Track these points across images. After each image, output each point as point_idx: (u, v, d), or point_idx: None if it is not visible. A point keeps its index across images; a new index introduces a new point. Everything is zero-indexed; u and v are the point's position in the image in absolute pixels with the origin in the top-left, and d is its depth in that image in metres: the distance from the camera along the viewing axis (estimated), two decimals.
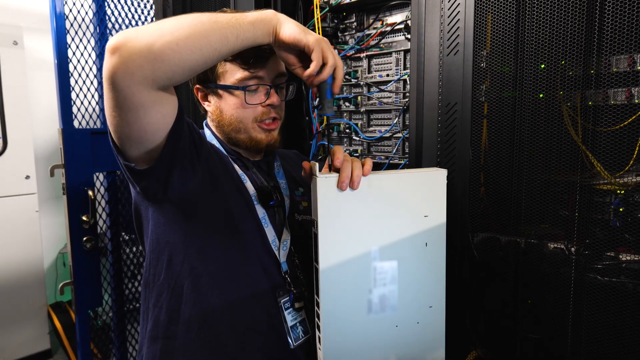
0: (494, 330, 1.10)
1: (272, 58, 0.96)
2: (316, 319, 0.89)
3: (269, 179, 1.08)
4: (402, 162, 1.37)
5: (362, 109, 1.48)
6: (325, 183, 0.83)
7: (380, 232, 0.88)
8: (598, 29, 0.88)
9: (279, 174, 1.10)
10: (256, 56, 0.94)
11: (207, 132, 1.07)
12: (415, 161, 1.16)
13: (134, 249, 2.17)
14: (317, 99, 1.50)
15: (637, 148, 0.86)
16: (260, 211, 1.00)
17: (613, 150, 0.89)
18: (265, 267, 0.99)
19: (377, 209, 0.87)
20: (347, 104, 1.52)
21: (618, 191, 0.92)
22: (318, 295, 0.86)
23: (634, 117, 0.87)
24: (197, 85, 1.03)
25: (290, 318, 1.00)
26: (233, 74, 0.96)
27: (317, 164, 0.84)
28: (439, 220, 0.93)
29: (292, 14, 1.55)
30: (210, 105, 1.04)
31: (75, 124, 1.87)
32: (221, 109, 1.01)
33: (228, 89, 0.98)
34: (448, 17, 1.06)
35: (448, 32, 1.06)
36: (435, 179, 0.92)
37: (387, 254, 0.89)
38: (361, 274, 0.88)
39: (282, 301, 0.99)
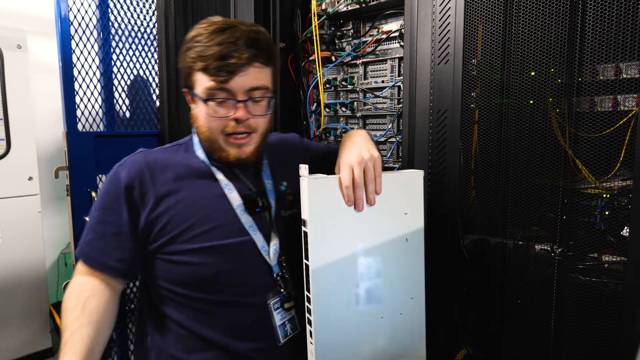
0: (483, 328, 1.14)
1: (242, 71, 0.93)
2: (307, 314, 0.93)
3: (256, 182, 1.08)
4: (396, 165, 1.41)
5: (358, 114, 1.53)
6: (314, 184, 0.88)
7: (365, 229, 0.94)
8: (580, 38, 0.93)
9: (266, 174, 1.10)
10: (218, 69, 0.92)
11: (195, 139, 1.08)
12: (408, 165, 1.20)
13: None
14: (315, 104, 1.53)
15: (622, 153, 0.90)
16: (247, 220, 1.02)
17: (599, 156, 0.92)
18: (256, 273, 1.02)
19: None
20: (343, 109, 1.56)
21: (604, 195, 0.96)
22: (309, 291, 0.90)
23: (619, 123, 0.91)
24: (183, 88, 1.04)
25: (279, 318, 1.03)
26: (202, 82, 0.95)
27: (307, 166, 0.89)
28: (418, 217, 1.00)
29: (290, 22, 1.59)
30: (193, 110, 1.04)
31: (79, 127, 1.91)
32: (197, 116, 1.01)
33: (198, 97, 0.97)
34: (439, 27, 1.10)
35: (439, 42, 1.10)
36: (414, 179, 0.99)
37: (372, 249, 0.95)
38: (349, 269, 0.93)
39: (272, 303, 1.03)
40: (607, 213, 0.95)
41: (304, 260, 0.91)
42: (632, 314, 0.87)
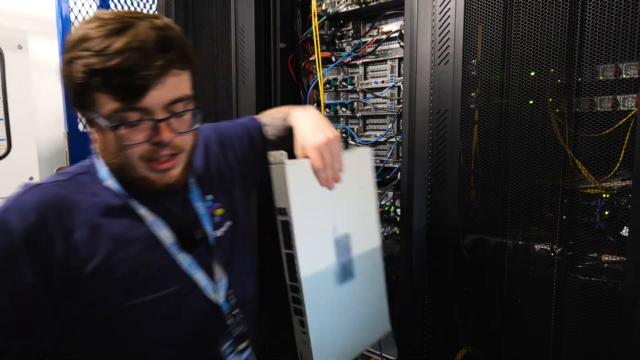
0: (483, 328, 1.14)
1: (158, 84, 0.73)
2: (293, 305, 0.90)
3: (186, 209, 0.90)
4: (397, 165, 1.42)
5: (358, 114, 1.53)
6: (295, 170, 0.86)
7: (334, 208, 0.95)
8: (579, 38, 0.93)
9: (195, 195, 0.92)
10: (127, 86, 0.72)
11: (100, 165, 0.84)
12: (408, 165, 1.21)
13: None
14: (315, 104, 1.52)
15: (622, 153, 0.91)
16: (186, 259, 0.85)
17: (599, 156, 0.93)
18: (204, 319, 0.87)
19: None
20: (343, 109, 1.57)
21: (604, 195, 0.96)
22: (295, 281, 0.88)
23: (619, 123, 0.91)
24: (75, 108, 0.80)
25: None
26: (105, 104, 0.73)
27: (285, 153, 0.86)
28: (371, 191, 1.05)
29: (290, 23, 1.60)
30: (93, 135, 0.81)
31: (80, 127, 1.92)
32: (102, 142, 0.79)
33: (102, 123, 0.75)
34: (439, 27, 1.11)
35: (439, 42, 1.11)
36: (364, 156, 1.04)
37: (343, 226, 0.96)
38: (327, 250, 0.93)
39: (223, 349, 0.88)
40: (606, 213, 0.96)
41: (285, 251, 0.88)
42: (632, 313, 0.88)
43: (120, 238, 0.80)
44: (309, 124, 0.94)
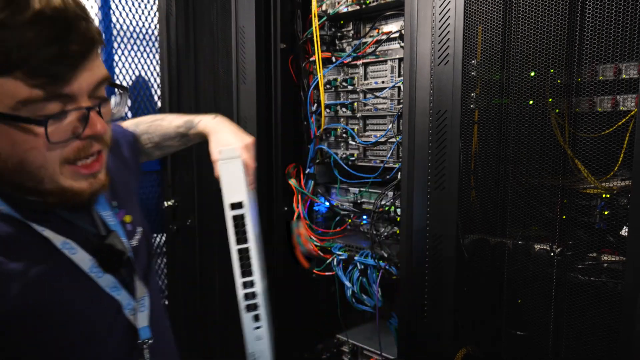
0: (483, 328, 1.15)
1: (89, 63, 0.59)
2: (247, 302, 0.87)
3: (94, 221, 0.74)
4: (397, 165, 1.42)
5: (358, 115, 1.53)
6: (242, 165, 0.88)
7: (249, 202, 0.95)
8: (579, 38, 0.93)
9: (101, 204, 0.76)
10: (51, 69, 0.55)
11: None
12: (408, 165, 1.21)
13: None
14: (315, 105, 1.52)
15: (621, 153, 0.91)
16: (109, 280, 0.71)
17: (599, 156, 0.93)
18: (123, 351, 0.74)
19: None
20: (344, 109, 1.57)
21: (603, 195, 0.96)
22: (251, 275, 0.86)
23: (619, 124, 0.91)
24: None
25: None
26: (13, 93, 0.54)
27: (238, 147, 0.87)
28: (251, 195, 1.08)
29: (290, 23, 1.60)
30: None
31: None
32: None
33: (4, 119, 0.56)
34: (439, 28, 1.11)
35: (439, 43, 1.11)
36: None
37: (256, 223, 0.96)
38: (257, 243, 0.93)
39: None
40: (606, 213, 0.96)
41: (238, 246, 0.86)
42: (632, 313, 0.88)
43: (26, 274, 0.62)
44: (228, 129, 0.97)
